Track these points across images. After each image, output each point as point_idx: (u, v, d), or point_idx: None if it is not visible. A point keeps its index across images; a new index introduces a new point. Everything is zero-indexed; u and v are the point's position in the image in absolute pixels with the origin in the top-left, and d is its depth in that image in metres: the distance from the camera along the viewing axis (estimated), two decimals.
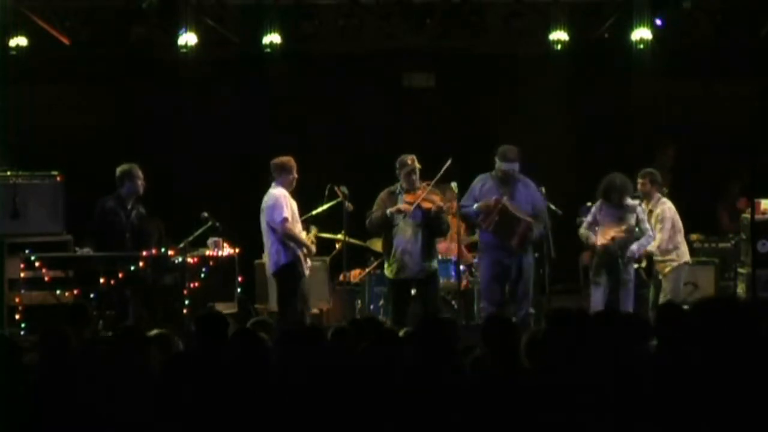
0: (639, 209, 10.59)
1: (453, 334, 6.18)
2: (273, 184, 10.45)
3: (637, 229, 10.54)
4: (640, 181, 10.83)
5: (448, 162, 10.40)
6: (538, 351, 5.92)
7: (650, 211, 10.81)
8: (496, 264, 10.37)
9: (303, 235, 10.53)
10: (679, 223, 10.85)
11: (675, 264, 10.77)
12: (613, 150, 12.65)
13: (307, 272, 10.52)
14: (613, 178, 10.58)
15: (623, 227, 10.47)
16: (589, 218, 10.74)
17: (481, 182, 10.47)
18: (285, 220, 10.25)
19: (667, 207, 10.81)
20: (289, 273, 10.37)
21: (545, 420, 5.56)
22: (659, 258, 10.79)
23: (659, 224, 10.76)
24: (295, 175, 10.47)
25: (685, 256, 10.90)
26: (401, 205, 10.38)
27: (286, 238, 10.29)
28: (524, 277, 10.38)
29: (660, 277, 10.83)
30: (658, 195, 10.87)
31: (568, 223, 10.97)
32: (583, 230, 10.71)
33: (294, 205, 10.47)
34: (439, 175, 10.42)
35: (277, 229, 10.28)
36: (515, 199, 10.36)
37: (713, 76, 13.33)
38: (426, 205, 10.30)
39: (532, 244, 10.43)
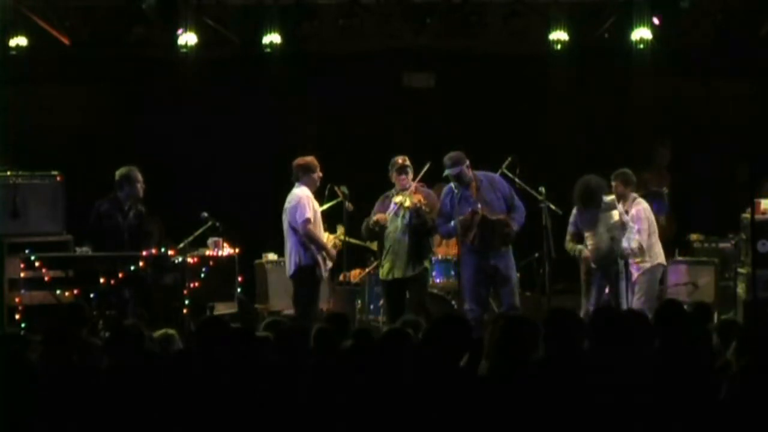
0: (618, 204, 10.57)
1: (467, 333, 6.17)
2: (297, 184, 10.41)
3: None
4: (613, 183, 10.72)
5: (428, 165, 10.42)
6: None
7: (626, 212, 10.75)
8: (479, 267, 10.31)
9: (325, 236, 10.53)
10: (654, 225, 10.78)
11: (648, 266, 10.67)
12: (613, 150, 12.65)
13: (325, 275, 10.50)
14: (587, 182, 10.55)
15: (609, 224, 10.48)
16: (570, 229, 10.74)
17: (448, 195, 10.33)
18: (307, 221, 10.20)
19: (642, 207, 10.74)
20: (308, 275, 10.30)
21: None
22: (631, 260, 10.68)
23: (635, 224, 10.67)
24: (320, 174, 10.44)
25: (659, 257, 10.78)
26: (377, 216, 10.46)
27: (306, 240, 10.24)
28: (510, 282, 10.35)
29: (633, 279, 10.73)
30: (633, 195, 10.79)
31: (568, 223, 10.96)
32: (569, 245, 10.71)
33: (317, 206, 10.45)
34: (418, 178, 10.44)
35: (299, 230, 10.25)
36: (487, 201, 10.30)
37: (713, 76, 13.33)
38: (408, 205, 10.33)
39: (513, 240, 10.38)
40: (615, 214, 10.54)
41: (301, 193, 10.30)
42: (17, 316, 10.67)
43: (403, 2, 12.32)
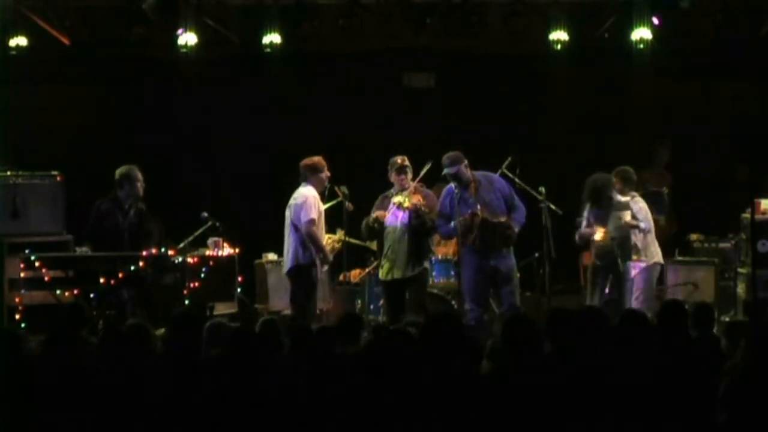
0: (632, 204, 10.57)
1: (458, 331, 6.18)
2: (303, 184, 10.39)
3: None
4: (612, 180, 10.78)
5: (428, 165, 10.42)
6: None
7: None
8: (479, 267, 10.31)
9: (325, 239, 10.53)
10: (651, 223, 10.81)
11: (644, 265, 10.70)
12: (613, 150, 12.65)
13: (321, 277, 10.48)
14: (593, 181, 10.57)
15: (618, 224, 10.47)
16: (583, 223, 10.73)
17: (448, 196, 10.34)
18: (311, 221, 10.19)
19: (639, 206, 10.77)
20: (303, 274, 10.31)
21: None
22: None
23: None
24: (327, 174, 10.43)
25: (656, 256, 10.81)
26: (376, 213, 10.46)
27: (308, 239, 10.24)
28: (511, 282, 10.34)
29: (630, 276, 10.74)
30: (632, 193, 10.83)
31: (568, 223, 10.97)
32: (578, 235, 10.71)
33: (322, 207, 10.44)
34: (418, 178, 10.44)
35: (301, 229, 10.24)
36: (486, 201, 10.30)
37: (713, 76, 13.33)
38: (407, 206, 10.33)
39: (514, 239, 10.38)
40: (626, 215, 10.53)
41: (308, 192, 10.31)
42: (17, 316, 10.68)
43: (403, 2, 12.31)
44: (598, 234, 10.53)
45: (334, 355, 6.38)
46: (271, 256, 12.30)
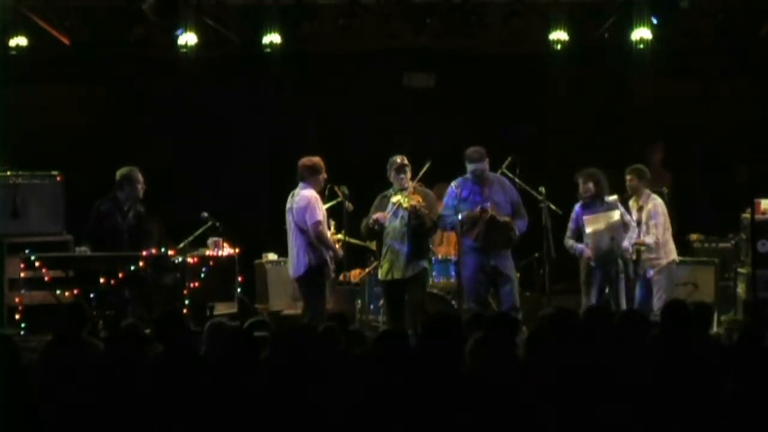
0: (620, 204, 10.60)
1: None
2: (301, 185, 10.33)
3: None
4: (627, 177, 10.82)
5: (428, 165, 10.42)
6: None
7: (640, 207, 10.80)
8: (480, 266, 10.35)
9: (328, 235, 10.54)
10: (668, 221, 10.85)
11: (663, 262, 10.74)
12: (612, 150, 12.65)
13: (332, 275, 10.49)
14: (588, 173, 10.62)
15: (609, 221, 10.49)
16: (571, 225, 10.73)
17: (459, 188, 10.38)
18: (319, 222, 10.15)
19: (658, 202, 10.82)
20: (317, 275, 10.26)
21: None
22: (645, 256, 10.73)
23: (652, 219, 10.73)
24: (325, 176, 10.40)
25: (673, 254, 10.87)
26: (377, 215, 10.44)
27: (317, 240, 10.19)
28: (510, 282, 10.37)
29: (649, 276, 10.76)
30: (647, 191, 10.85)
31: (568, 223, 10.96)
32: (568, 242, 10.69)
33: (323, 206, 10.41)
34: (418, 178, 10.44)
35: (309, 231, 10.18)
36: (495, 201, 10.36)
37: (713, 76, 13.33)
38: (406, 206, 10.33)
39: (515, 242, 10.41)
40: (616, 214, 10.54)
41: (309, 194, 10.26)
42: (17, 316, 10.69)
43: (403, 2, 12.32)
44: (590, 227, 10.53)
45: (334, 356, 6.38)
46: (271, 256, 12.30)
